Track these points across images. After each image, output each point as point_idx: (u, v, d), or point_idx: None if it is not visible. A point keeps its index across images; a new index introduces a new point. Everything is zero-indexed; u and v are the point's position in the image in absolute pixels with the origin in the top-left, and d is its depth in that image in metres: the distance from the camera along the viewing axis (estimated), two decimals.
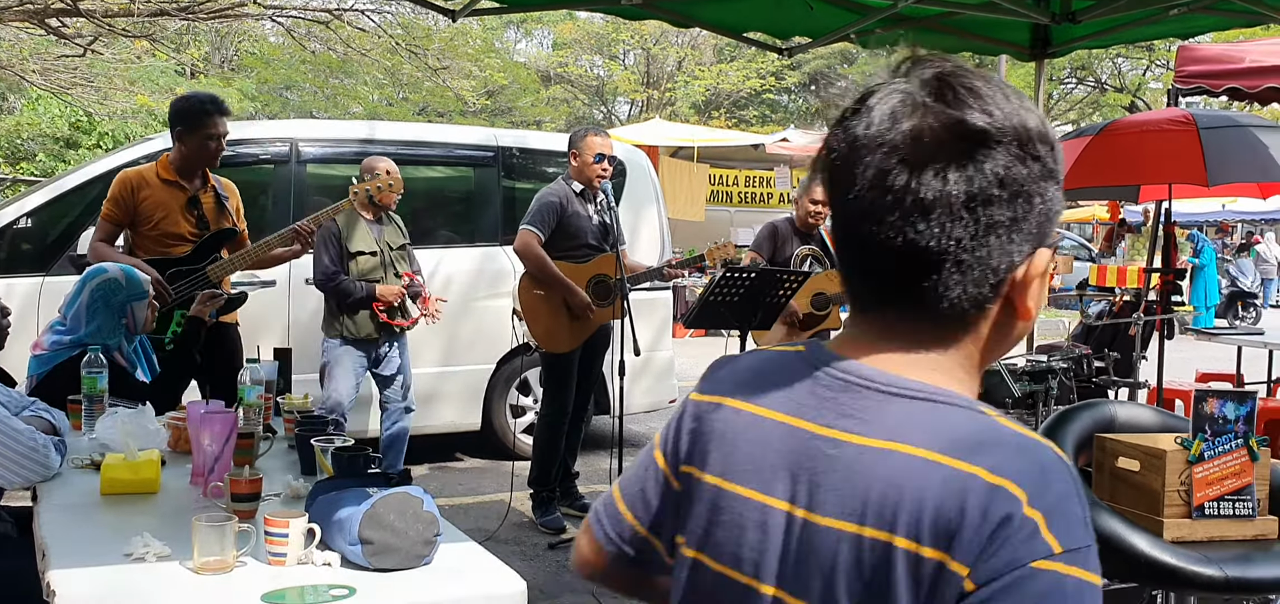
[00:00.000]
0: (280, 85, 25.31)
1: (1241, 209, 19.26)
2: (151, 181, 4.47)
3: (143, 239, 4.45)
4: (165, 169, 4.50)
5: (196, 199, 4.52)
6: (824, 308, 5.93)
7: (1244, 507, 2.33)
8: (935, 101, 0.97)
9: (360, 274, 5.13)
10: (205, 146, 4.46)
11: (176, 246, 4.43)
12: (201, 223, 4.50)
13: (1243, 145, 4.63)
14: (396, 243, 5.34)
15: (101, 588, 1.99)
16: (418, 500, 2.20)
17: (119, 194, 4.45)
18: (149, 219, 4.43)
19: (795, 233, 6.01)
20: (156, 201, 4.44)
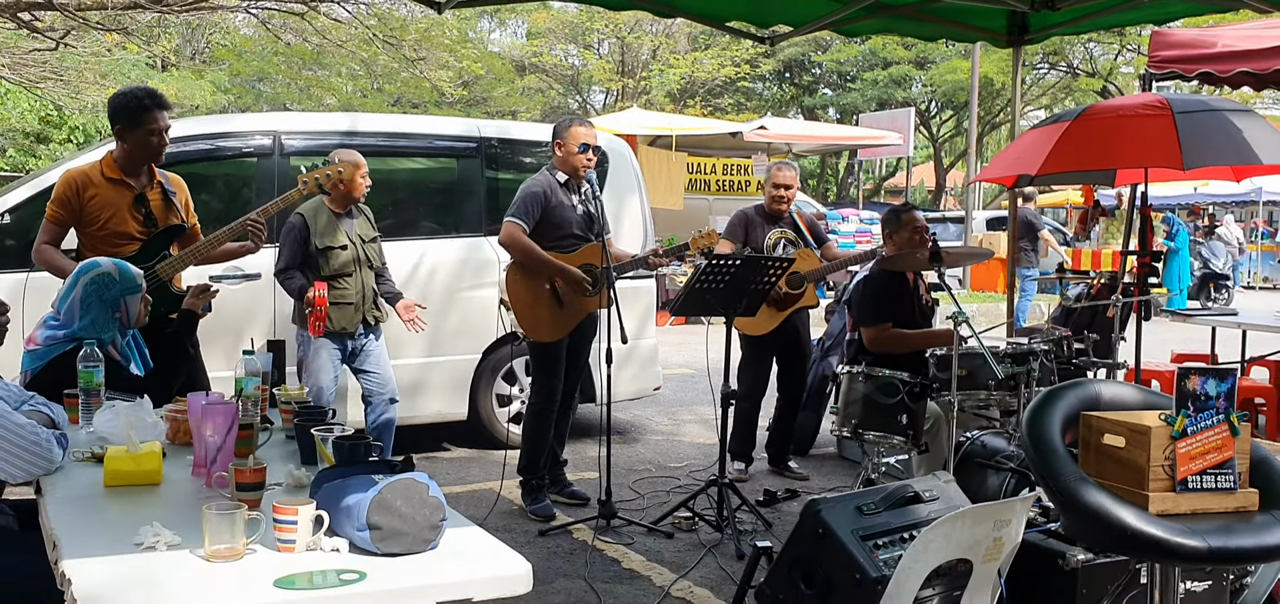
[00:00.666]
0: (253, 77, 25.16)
1: (1213, 192, 19.52)
2: (97, 180, 4.39)
3: (90, 239, 4.37)
4: (110, 167, 4.42)
5: (143, 196, 4.44)
6: (799, 286, 6.01)
7: (1226, 480, 2.41)
8: None
9: (332, 268, 5.12)
10: (147, 143, 4.39)
11: (124, 245, 4.33)
12: (149, 220, 4.43)
13: (1217, 129, 4.72)
14: (367, 235, 5.34)
15: (116, 577, 2.01)
16: (424, 486, 2.24)
17: (64, 194, 4.37)
18: (96, 219, 4.35)
19: (765, 219, 6.11)
20: (103, 201, 4.36)
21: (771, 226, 6.09)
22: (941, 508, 2.92)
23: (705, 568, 4.63)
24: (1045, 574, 3.02)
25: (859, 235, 14.96)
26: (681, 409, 8.25)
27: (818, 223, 6.53)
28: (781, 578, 2.84)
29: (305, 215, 5.13)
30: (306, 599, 2.00)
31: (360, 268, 5.21)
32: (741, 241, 6.02)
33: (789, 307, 6.02)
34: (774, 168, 6.20)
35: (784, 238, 6.08)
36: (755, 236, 6.05)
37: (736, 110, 28.95)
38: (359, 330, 5.22)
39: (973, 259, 4.82)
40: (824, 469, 6.47)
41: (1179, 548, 2.26)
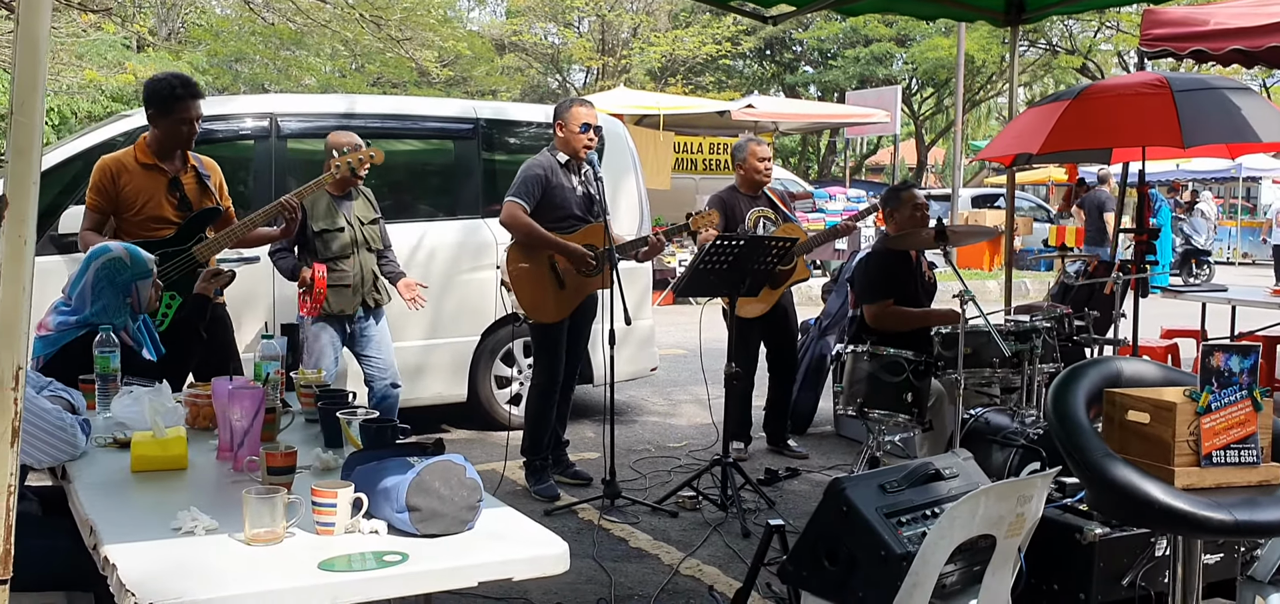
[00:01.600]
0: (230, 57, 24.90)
1: (1193, 168, 19.68)
2: (130, 167, 4.45)
3: (127, 225, 4.42)
4: (143, 153, 4.48)
5: (177, 180, 4.50)
6: (789, 262, 6.03)
7: (1249, 454, 2.45)
8: None
9: (327, 251, 5.10)
10: (177, 131, 4.44)
11: (160, 229, 4.41)
12: (184, 204, 4.49)
13: (1216, 107, 4.77)
14: (367, 217, 5.32)
15: (160, 562, 2.01)
16: (461, 468, 2.25)
17: (100, 182, 4.43)
18: (131, 204, 4.41)
19: (743, 197, 6.11)
20: (137, 187, 4.42)
21: (750, 205, 6.10)
22: (962, 485, 2.95)
23: (712, 546, 4.66)
24: (1063, 548, 3.06)
25: (847, 213, 14.98)
26: (676, 389, 8.28)
27: (788, 198, 6.54)
28: (805, 555, 2.87)
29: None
30: (351, 581, 2.00)
31: (358, 250, 5.19)
32: (725, 225, 6.02)
33: (783, 283, 6.04)
34: (752, 144, 6.17)
35: (763, 216, 6.10)
36: (737, 217, 6.04)
37: (717, 88, 28.90)
38: (358, 313, 5.20)
39: (974, 237, 4.86)
40: (823, 448, 6.51)
41: (1206, 521, 2.30)
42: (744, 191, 6.12)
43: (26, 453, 2.61)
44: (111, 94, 18.12)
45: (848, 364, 4.91)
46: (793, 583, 3.01)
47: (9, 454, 1.68)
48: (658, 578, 4.28)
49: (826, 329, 6.87)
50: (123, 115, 6.22)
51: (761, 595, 4.00)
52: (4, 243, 1.42)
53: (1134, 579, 3.07)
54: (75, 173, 5.52)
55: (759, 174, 6.09)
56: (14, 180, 1.28)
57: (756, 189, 6.12)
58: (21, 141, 1.24)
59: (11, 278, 1.40)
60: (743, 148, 6.16)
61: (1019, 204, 20.23)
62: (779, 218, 6.14)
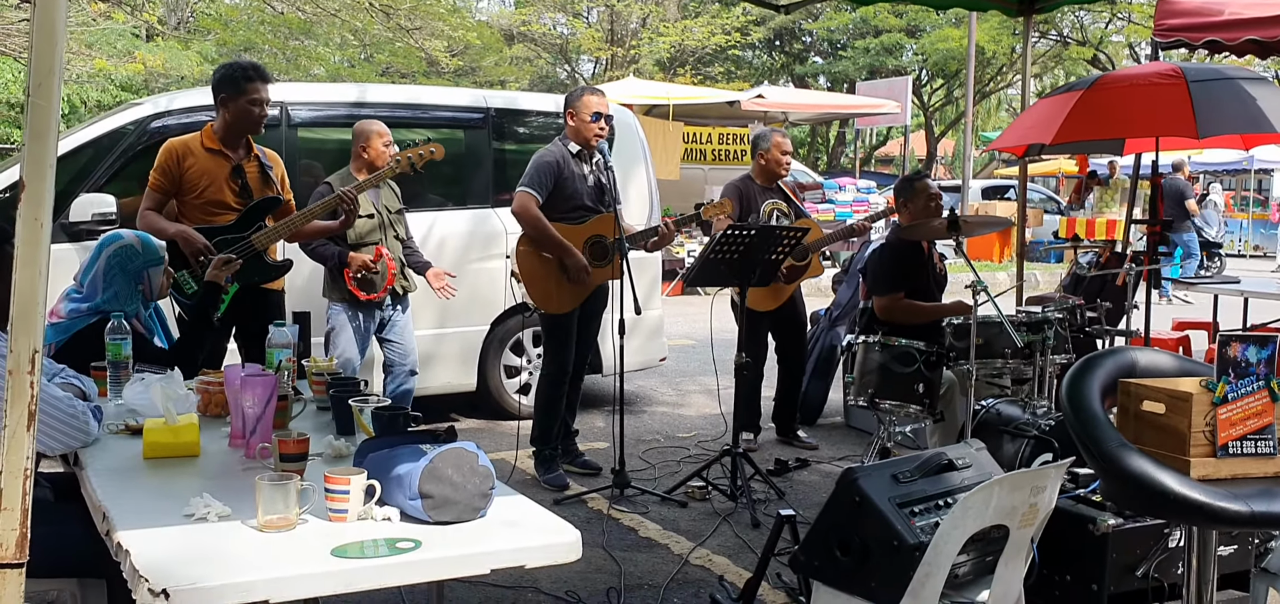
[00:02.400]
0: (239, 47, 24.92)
1: (1205, 160, 19.58)
2: (196, 151, 4.53)
3: (188, 207, 4.51)
4: (210, 138, 4.57)
5: (241, 168, 4.59)
6: (804, 258, 6.01)
7: (1266, 445, 2.43)
8: None
9: (358, 237, 5.14)
10: (248, 113, 4.53)
11: (221, 215, 4.50)
12: (246, 192, 4.58)
13: (1231, 97, 4.74)
14: (393, 206, 5.36)
15: (173, 548, 2.01)
16: (474, 455, 2.25)
17: (165, 163, 4.51)
18: (194, 187, 4.50)
19: (759, 188, 6.09)
20: (201, 170, 4.50)
21: (765, 196, 6.09)
22: (975, 475, 2.93)
23: (721, 536, 4.66)
24: (1076, 539, 3.05)
25: (856, 204, 14.96)
26: (685, 380, 8.27)
27: (799, 191, 6.52)
28: (816, 545, 2.86)
29: (332, 185, 5.13)
30: (364, 568, 2.01)
31: (386, 237, 5.22)
32: (740, 214, 6.00)
33: (796, 278, 6.03)
34: (776, 135, 6.15)
35: (777, 208, 6.08)
36: (753, 206, 6.03)
37: (727, 79, 28.83)
38: (387, 301, 5.24)
39: (988, 227, 4.84)
40: (832, 439, 6.50)
41: (1222, 512, 2.28)
42: (760, 182, 6.09)
43: (38, 439, 2.60)
44: (121, 83, 18.16)
45: (859, 355, 4.90)
46: (804, 573, 3.00)
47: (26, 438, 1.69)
48: (667, 567, 4.28)
49: (837, 320, 6.85)
50: (132, 103, 6.22)
51: (771, 585, 4.00)
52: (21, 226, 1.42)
53: (1147, 570, 3.06)
54: (85, 162, 5.54)
55: (780, 167, 6.06)
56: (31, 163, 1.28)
57: (773, 181, 6.10)
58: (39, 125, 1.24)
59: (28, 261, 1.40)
60: (766, 138, 6.12)
61: (1030, 196, 20.16)
62: (792, 211, 6.12)
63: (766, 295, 5.89)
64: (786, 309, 6.09)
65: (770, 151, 6.04)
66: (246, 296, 4.44)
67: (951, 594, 2.76)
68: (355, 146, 5.21)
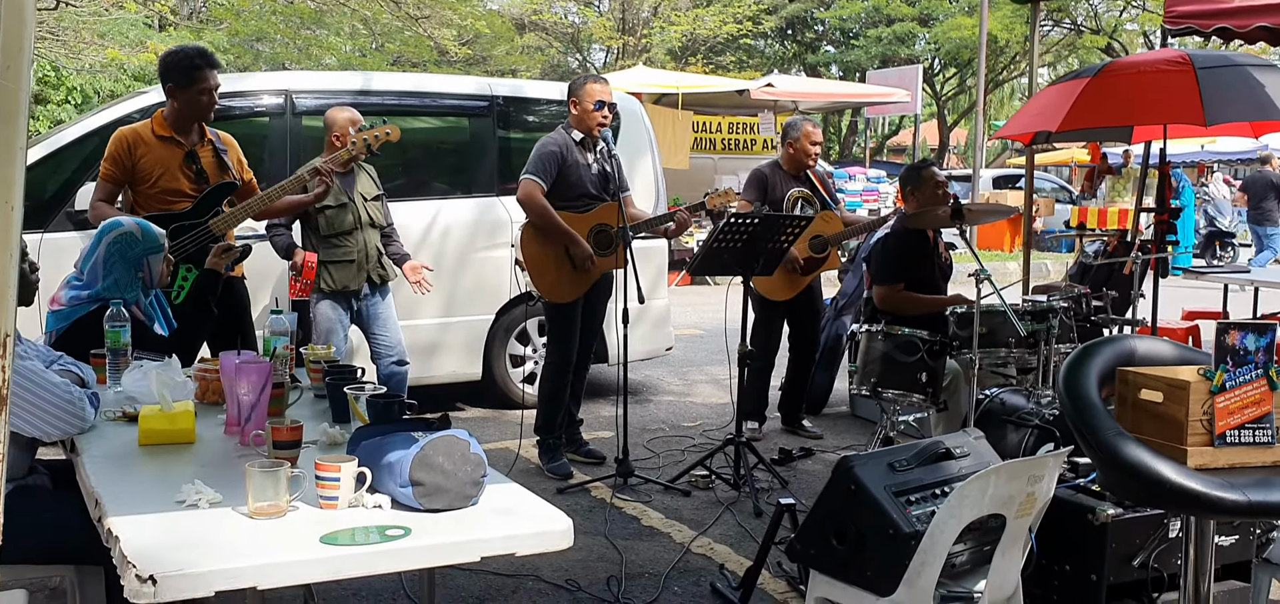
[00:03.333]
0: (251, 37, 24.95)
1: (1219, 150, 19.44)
2: (148, 139, 4.46)
3: (142, 197, 4.44)
4: (160, 126, 4.49)
5: (194, 154, 4.52)
6: (822, 250, 5.99)
7: (1264, 434, 2.41)
8: None
9: (329, 227, 5.12)
10: (197, 101, 4.46)
11: (177, 202, 4.42)
12: (201, 177, 4.51)
13: (1239, 84, 4.69)
14: (370, 194, 5.33)
15: (162, 534, 2.02)
16: (465, 443, 2.24)
17: (116, 152, 4.44)
18: (148, 176, 4.43)
19: (785, 175, 6.06)
20: (154, 159, 4.44)
21: (791, 184, 6.05)
22: (972, 464, 2.92)
23: (724, 525, 4.65)
24: (1075, 529, 3.03)
25: (866, 193, 14.92)
26: (692, 369, 8.26)
27: (829, 182, 6.49)
28: (813, 534, 2.85)
29: (305, 174, 5.12)
30: (353, 555, 2.00)
31: (362, 227, 5.20)
32: (761, 199, 5.97)
33: (813, 270, 6.01)
34: (806, 124, 6.10)
35: (802, 196, 6.05)
36: (776, 193, 6.00)
37: (738, 68, 28.74)
38: (364, 289, 5.22)
39: (993, 216, 4.81)
40: (838, 428, 6.48)
41: (1219, 502, 2.26)
42: (787, 170, 6.06)
43: (35, 426, 2.63)
44: (133, 73, 18.20)
45: (862, 344, 4.88)
46: (801, 562, 3.00)
47: None
48: (669, 556, 4.27)
49: (843, 309, 6.83)
50: (138, 92, 6.24)
51: (772, 574, 3.99)
52: None
53: (1146, 560, 3.04)
54: (91, 150, 5.54)
55: (808, 156, 6.02)
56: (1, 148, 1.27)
57: (800, 169, 6.06)
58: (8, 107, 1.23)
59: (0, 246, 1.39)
60: (797, 127, 6.07)
61: (1042, 185, 20.06)
62: (817, 202, 6.07)
63: (785, 285, 5.88)
64: (804, 297, 6.08)
65: (800, 141, 5.99)
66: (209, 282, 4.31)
67: (949, 584, 2.75)
68: (328, 137, 5.19)
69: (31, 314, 3.62)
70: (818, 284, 6.24)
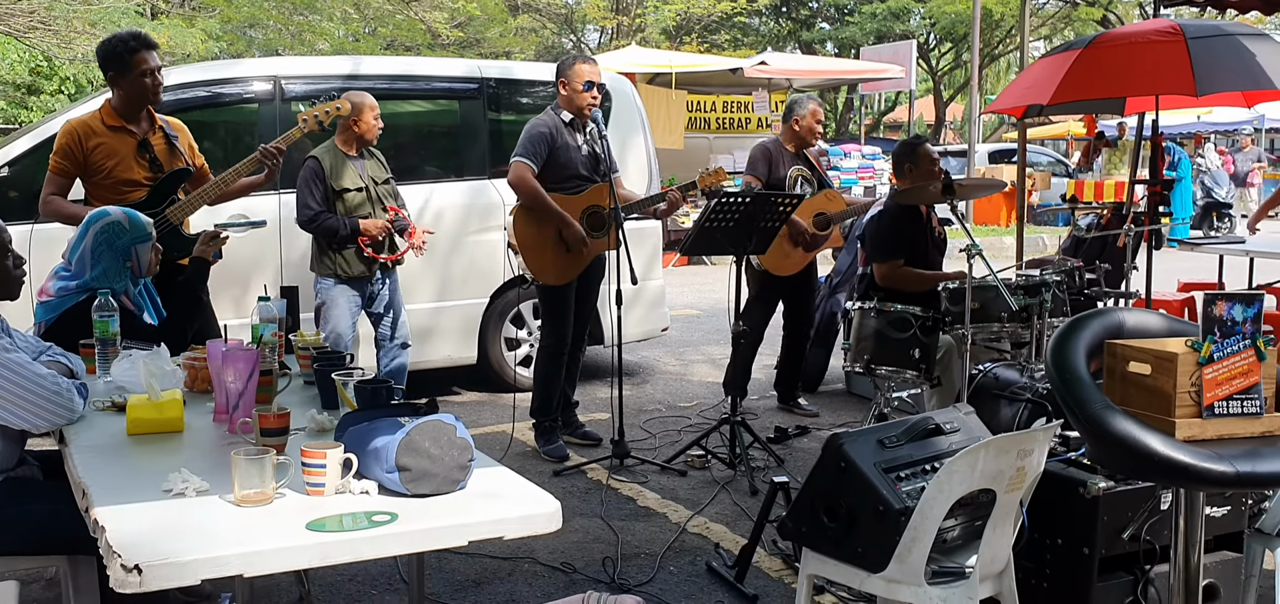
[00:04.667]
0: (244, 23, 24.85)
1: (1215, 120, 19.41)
2: (98, 129, 4.39)
3: (96, 188, 4.37)
4: (109, 115, 4.42)
5: (146, 142, 4.45)
6: (826, 227, 5.98)
7: (1252, 405, 2.40)
8: None
9: (347, 210, 5.14)
10: (140, 85, 4.38)
11: (132, 192, 4.34)
12: (155, 165, 4.44)
13: (1230, 54, 4.67)
14: (380, 178, 5.34)
15: (148, 523, 2.01)
16: (451, 427, 2.24)
17: (67, 145, 4.36)
18: (101, 168, 4.36)
19: (787, 153, 6.06)
20: (107, 149, 4.36)
21: (792, 162, 6.05)
22: (963, 440, 2.92)
23: (720, 504, 4.66)
24: (1066, 503, 3.04)
25: (862, 171, 14.89)
26: (689, 349, 8.26)
27: (822, 160, 6.48)
28: (804, 512, 2.85)
29: (320, 158, 5.12)
30: (339, 541, 2.00)
31: (374, 210, 5.21)
32: (764, 176, 5.95)
33: (816, 247, 6.00)
34: (812, 103, 6.09)
35: (801, 175, 6.05)
36: (779, 170, 5.99)
37: (733, 46, 28.64)
38: (376, 274, 5.23)
39: (984, 190, 4.80)
40: (833, 405, 6.49)
41: (1207, 473, 2.26)
42: (790, 148, 6.05)
43: (23, 418, 2.62)
44: None
45: (855, 321, 4.87)
46: (793, 539, 3.00)
47: None
48: (665, 536, 4.28)
49: (837, 287, 6.82)
50: None
51: (767, 552, 4.00)
52: None
53: (1138, 532, 3.04)
54: None
55: (812, 135, 6.04)
56: None
57: (802, 148, 6.06)
58: None
59: None
60: (802, 104, 6.06)
61: (1038, 159, 20.02)
62: (816, 180, 6.08)
63: (791, 260, 5.87)
64: (803, 275, 6.08)
65: (805, 120, 5.99)
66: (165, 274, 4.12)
67: (940, 559, 2.75)
68: (345, 120, 5.17)
69: (20, 306, 3.60)
70: (814, 262, 6.24)
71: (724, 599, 3.70)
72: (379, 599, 3.69)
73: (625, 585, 3.77)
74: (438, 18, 17.57)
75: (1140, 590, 3.09)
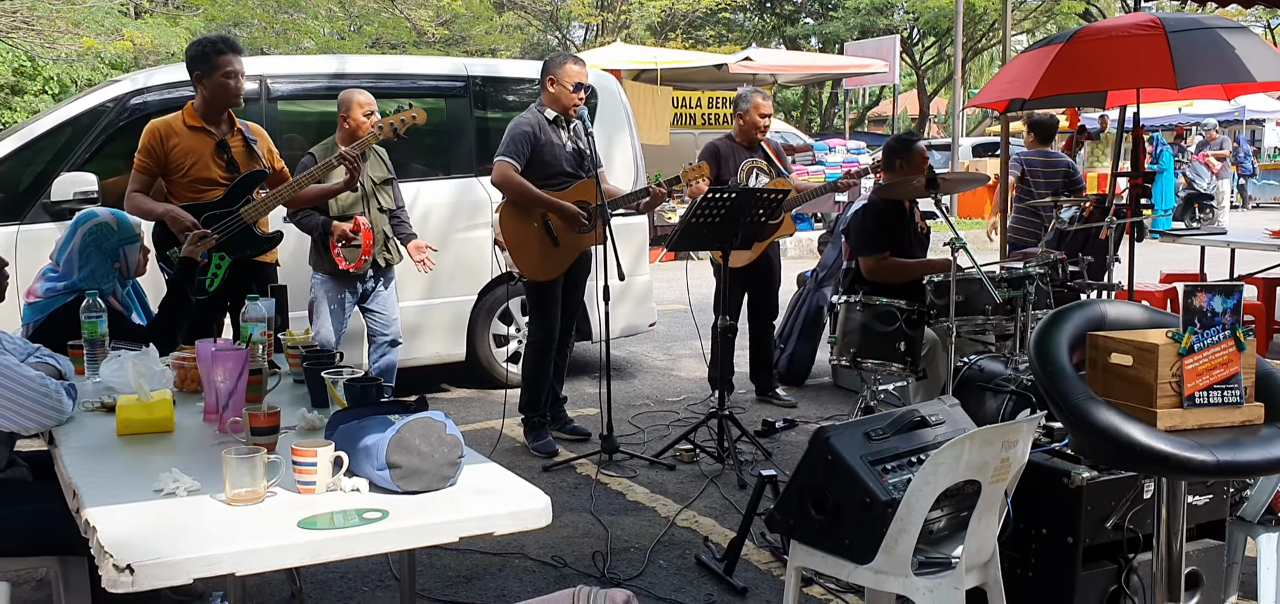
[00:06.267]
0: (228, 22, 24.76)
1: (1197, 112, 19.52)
2: (179, 129, 4.53)
3: (175, 186, 4.53)
4: (191, 116, 4.57)
5: (225, 143, 4.59)
6: (775, 216, 6.00)
7: (1232, 395, 2.44)
8: None
9: (337, 209, 5.15)
10: (224, 86, 4.52)
11: (209, 191, 4.51)
12: (232, 166, 4.58)
13: (1210, 47, 4.71)
14: (379, 176, 5.34)
15: (139, 523, 2.02)
16: (441, 424, 2.25)
17: (149, 144, 4.51)
18: (180, 166, 4.50)
19: (738, 148, 6.11)
20: (186, 148, 4.51)
21: (744, 156, 6.10)
22: (948, 431, 2.94)
23: (708, 498, 4.68)
24: (1051, 493, 3.07)
25: (846, 165, 14.92)
26: (676, 344, 8.28)
27: (783, 152, 6.52)
28: (792, 504, 2.87)
29: (315, 155, 5.13)
30: (331, 539, 2.01)
31: (369, 209, 5.21)
32: (715, 173, 6.00)
33: (767, 237, 6.01)
34: (755, 96, 6.15)
35: (757, 167, 6.09)
36: (728, 167, 6.04)
37: (718, 42, 28.68)
38: (368, 273, 5.24)
39: (968, 184, 4.83)
40: (820, 399, 6.52)
41: (1187, 462, 2.29)
42: (740, 142, 6.12)
43: (11, 420, 2.63)
44: (110, 61, 18.04)
45: (841, 315, 4.90)
46: (780, 532, 3.03)
47: None
48: (654, 530, 4.30)
49: (823, 280, 6.86)
50: (111, 81, 6.19)
51: (756, 545, 4.03)
52: None
53: (1121, 521, 3.07)
54: (64, 140, 5.52)
55: (758, 128, 6.08)
56: None
57: (752, 141, 6.11)
58: None
59: None
60: (746, 99, 6.14)
61: None
62: (772, 170, 6.12)
63: (740, 252, 5.90)
64: (761, 264, 6.12)
65: (749, 113, 6.08)
66: (239, 270, 4.44)
67: (927, 550, 2.78)
68: (339, 116, 5.20)
69: (8, 307, 3.60)
70: (777, 255, 6.28)
71: (713, 592, 3.73)
72: (370, 596, 3.71)
73: (615, 579, 3.79)
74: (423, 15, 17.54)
75: (1124, 579, 3.12)
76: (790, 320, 6.94)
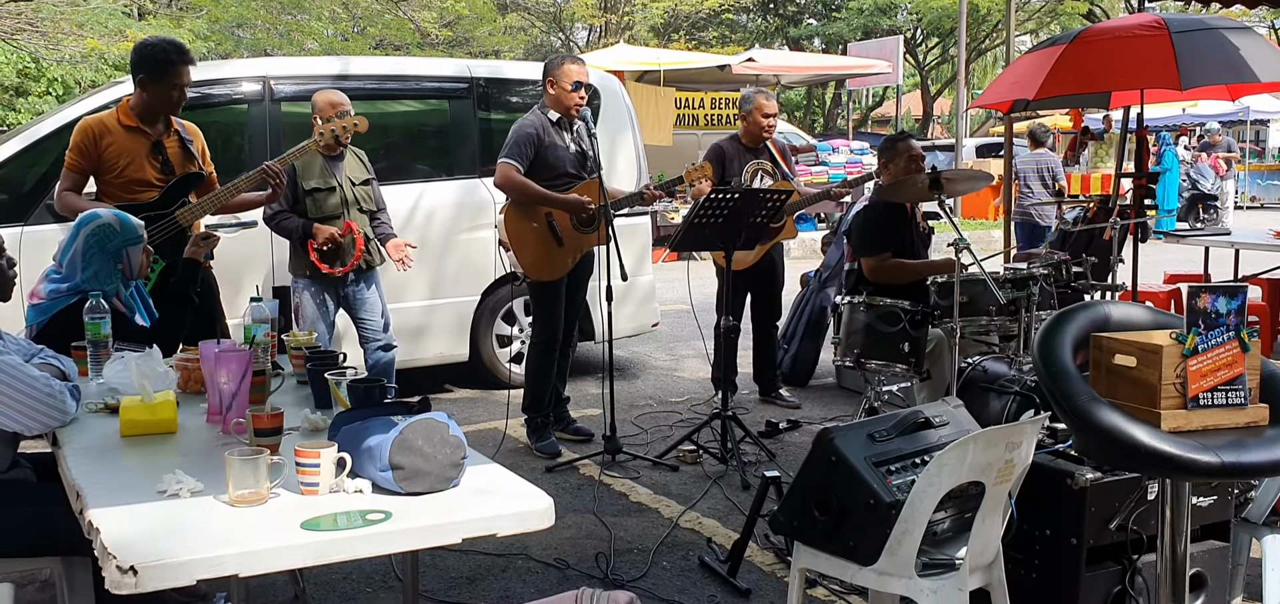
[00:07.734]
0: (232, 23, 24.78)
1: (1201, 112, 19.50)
2: (113, 128, 4.41)
3: (108, 186, 4.41)
4: (126, 115, 4.44)
5: (160, 144, 4.48)
6: (778, 219, 6.00)
7: (1236, 396, 2.43)
8: None
9: (318, 209, 5.12)
10: (167, 96, 4.42)
11: (143, 192, 4.38)
12: (167, 168, 4.47)
13: (1214, 48, 4.70)
14: (359, 178, 5.31)
15: (143, 525, 2.02)
16: (444, 425, 2.26)
17: (81, 142, 4.40)
18: (113, 166, 4.39)
19: (743, 149, 6.11)
20: (120, 148, 4.39)
21: (749, 157, 6.10)
22: (952, 433, 2.94)
23: (712, 499, 4.68)
24: (1055, 494, 3.06)
25: (850, 166, 14.92)
26: (679, 344, 8.28)
27: (790, 154, 6.52)
28: (795, 505, 2.87)
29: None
30: (334, 540, 2.01)
31: (349, 211, 5.20)
32: (719, 174, 6.00)
33: (769, 240, 6.01)
34: (759, 97, 6.15)
35: (761, 168, 6.09)
36: (733, 168, 6.04)
37: (721, 43, 28.66)
38: (350, 276, 5.22)
39: (971, 184, 4.82)
40: (824, 399, 6.51)
41: (1192, 464, 2.28)
42: (745, 143, 6.12)
43: (15, 420, 2.63)
44: (113, 63, 18.07)
45: (845, 315, 4.90)
46: (784, 533, 3.03)
47: None
48: (657, 531, 4.30)
49: (826, 281, 6.86)
50: (116, 82, 6.20)
51: (759, 546, 4.03)
52: None
53: (1125, 522, 3.07)
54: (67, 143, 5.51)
55: (763, 128, 6.08)
56: None
57: (758, 142, 6.11)
58: None
59: None
60: (750, 99, 6.14)
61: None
62: (777, 173, 6.12)
63: (742, 254, 5.90)
64: (764, 267, 6.13)
65: (753, 114, 6.08)
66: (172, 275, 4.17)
67: (930, 551, 2.77)
68: (313, 117, 5.18)
69: (11, 308, 3.60)
70: (780, 256, 6.28)
71: (717, 593, 3.72)
72: (373, 597, 3.71)
73: (619, 581, 3.79)
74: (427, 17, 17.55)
75: (1128, 580, 3.11)
76: (794, 321, 6.94)
